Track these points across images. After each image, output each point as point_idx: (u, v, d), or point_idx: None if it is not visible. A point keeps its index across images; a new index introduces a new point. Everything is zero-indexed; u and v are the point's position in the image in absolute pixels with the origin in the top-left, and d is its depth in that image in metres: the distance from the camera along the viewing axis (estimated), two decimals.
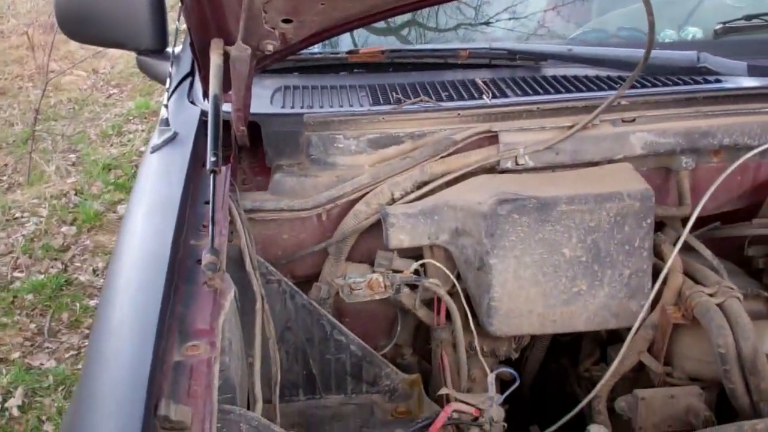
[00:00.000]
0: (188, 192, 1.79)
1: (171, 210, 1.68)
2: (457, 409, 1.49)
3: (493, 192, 1.87)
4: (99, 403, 1.30)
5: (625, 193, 1.88)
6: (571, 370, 2.26)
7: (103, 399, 1.30)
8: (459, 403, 1.52)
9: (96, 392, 1.33)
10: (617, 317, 1.93)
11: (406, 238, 1.94)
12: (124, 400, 1.25)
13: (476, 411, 1.53)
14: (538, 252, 1.87)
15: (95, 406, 1.28)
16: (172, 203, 1.71)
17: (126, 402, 1.24)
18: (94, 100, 7.40)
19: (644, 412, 1.87)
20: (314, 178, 2.03)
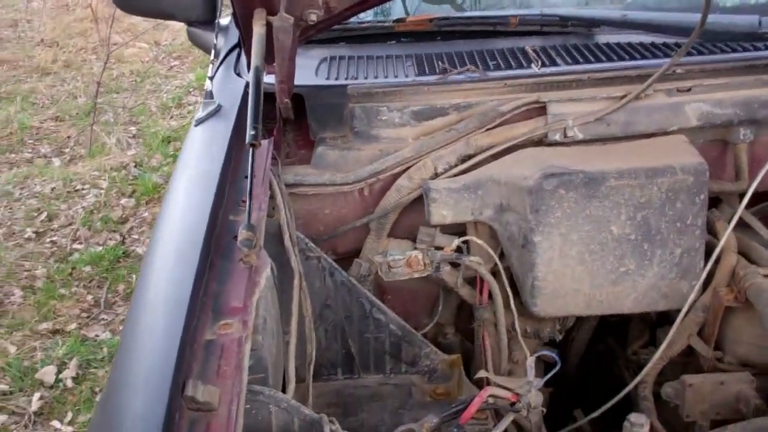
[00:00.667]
0: (229, 166, 1.76)
1: (211, 184, 1.66)
2: (493, 394, 1.45)
3: (540, 166, 1.81)
4: (130, 381, 1.28)
5: (678, 167, 1.80)
6: (619, 352, 2.19)
7: (134, 377, 1.29)
8: (495, 387, 1.47)
9: (128, 369, 1.32)
10: (667, 298, 1.86)
11: (448, 213, 1.89)
12: (152, 378, 1.24)
13: (514, 396, 1.47)
14: (585, 229, 1.80)
15: (126, 384, 1.26)
16: (213, 177, 1.69)
17: (154, 381, 1.22)
18: (155, 72, 7.46)
19: (692, 398, 1.80)
20: (357, 152, 2.00)
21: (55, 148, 5.94)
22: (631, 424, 1.33)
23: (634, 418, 1.34)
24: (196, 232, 1.51)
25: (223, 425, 1.16)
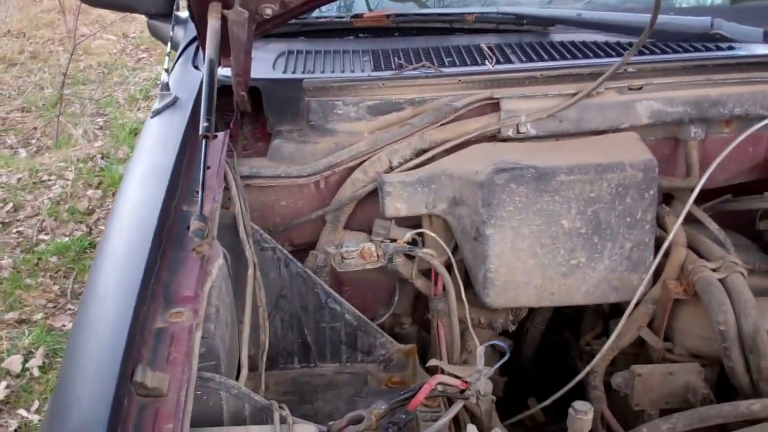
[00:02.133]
0: (184, 157, 1.77)
1: (165, 175, 1.67)
2: (442, 381, 1.47)
3: (492, 161, 1.84)
4: (80, 369, 1.30)
5: (627, 163, 1.83)
6: (573, 343, 2.22)
7: (84, 364, 1.30)
8: (445, 375, 1.49)
9: (79, 357, 1.33)
10: (617, 291, 1.90)
11: (402, 206, 1.91)
12: (101, 366, 1.25)
13: (463, 384, 1.50)
14: (536, 223, 1.83)
15: (77, 372, 1.28)
16: (167, 168, 1.70)
17: (103, 368, 1.23)
18: (123, 64, 7.42)
19: (641, 388, 1.84)
20: (313, 145, 2.01)
21: (21, 139, 5.91)
22: (576, 411, 1.36)
23: (578, 406, 1.37)
24: (149, 222, 1.52)
25: (171, 411, 1.17)
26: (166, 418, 1.16)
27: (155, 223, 1.51)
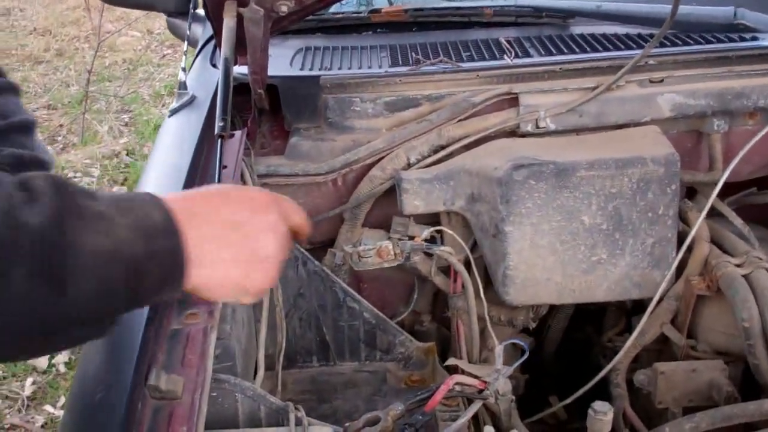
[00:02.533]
0: (201, 156, 1.77)
1: (181, 175, 1.67)
2: (460, 381, 1.45)
3: (510, 157, 1.82)
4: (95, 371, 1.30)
5: (649, 157, 1.80)
6: (595, 339, 2.20)
7: (99, 367, 1.30)
8: (463, 375, 1.48)
9: (93, 360, 1.33)
10: (639, 287, 1.87)
11: (420, 204, 1.90)
12: (116, 368, 1.25)
13: (481, 383, 1.48)
14: (556, 219, 1.81)
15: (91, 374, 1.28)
16: (184, 168, 1.70)
17: (118, 371, 1.23)
18: (147, 61, 7.47)
19: (664, 386, 1.81)
20: (330, 142, 2.00)
21: (47, 137, 5.95)
22: (595, 412, 1.34)
23: (598, 406, 1.34)
24: None
25: (186, 413, 1.16)
26: (181, 420, 1.15)
27: None
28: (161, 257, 1.03)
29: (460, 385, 1.46)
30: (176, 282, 1.06)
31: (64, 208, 0.94)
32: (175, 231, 1.05)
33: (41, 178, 0.94)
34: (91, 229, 0.96)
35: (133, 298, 1.01)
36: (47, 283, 0.91)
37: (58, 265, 0.93)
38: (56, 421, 3.72)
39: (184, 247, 1.06)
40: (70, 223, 0.94)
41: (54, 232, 0.93)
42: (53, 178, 0.95)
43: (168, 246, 1.04)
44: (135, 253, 1.00)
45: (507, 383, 1.52)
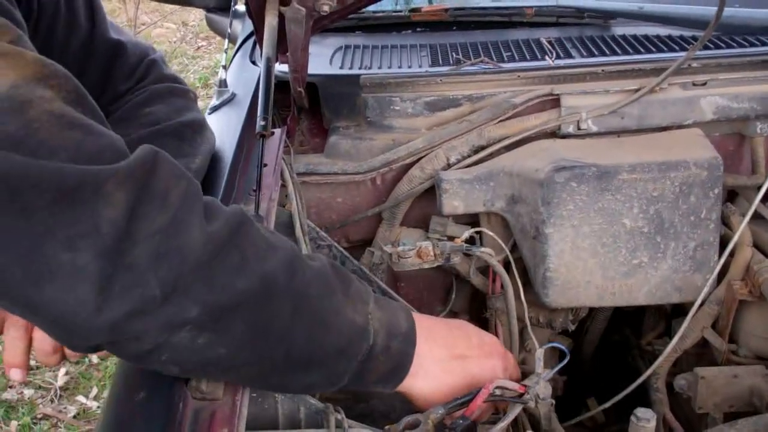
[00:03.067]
0: (241, 155, 1.77)
1: (222, 173, 1.67)
2: (500, 385, 1.44)
3: (552, 158, 1.81)
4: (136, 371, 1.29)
5: (692, 161, 1.78)
6: (634, 342, 2.18)
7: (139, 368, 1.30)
8: (503, 379, 1.47)
9: None
10: (680, 291, 1.85)
11: (460, 204, 1.89)
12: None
13: (521, 387, 1.47)
14: (597, 222, 1.80)
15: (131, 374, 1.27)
16: (224, 166, 1.70)
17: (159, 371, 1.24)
18: (182, 53, 7.49)
19: (704, 391, 1.79)
20: (370, 141, 2.00)
21: None
22: (638, 419, 1.32)
23: (641, 413, 1.33)
24: None
25: (227, 414, 1.16)
26: (222, 422, 1.15)
27: None
28: (393, 356, 1.25)
29: (501, 389, 1.45)
30: (394, 381, 1.29)
31: (338, 280, 1.20)
32: (413, 341, 1.28)
33: (321, 259, 1.20)
34: (351, 305, 1.19)
35: (358, 376, 1.22)
36: (306, 327, 1.13)
37: (323, 322, 1.15)
38: (89, 411, 3.75)
39: (413, 357, 1.28)
40: (340, 292, 1.18)
41: (324, 290, 1.16)
42: (330, 262, 1.21)
43: (402, 349, 1.26)
44: (376, 342, 1.21)
45: (547, 387, 1.50)
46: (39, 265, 0.91)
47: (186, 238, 0.99)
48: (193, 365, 1.11)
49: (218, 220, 1.04)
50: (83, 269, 0.92)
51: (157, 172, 0.99)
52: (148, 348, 1.03)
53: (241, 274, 1.03)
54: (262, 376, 1.18)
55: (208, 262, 1.01)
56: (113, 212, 0.93)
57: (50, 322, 0.97)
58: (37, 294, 0.92)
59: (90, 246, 0.92)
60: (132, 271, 0.95)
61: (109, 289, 0.94)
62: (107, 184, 0.93)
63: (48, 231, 0.90)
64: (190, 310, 1.00)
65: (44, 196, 0.89)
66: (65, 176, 0.91)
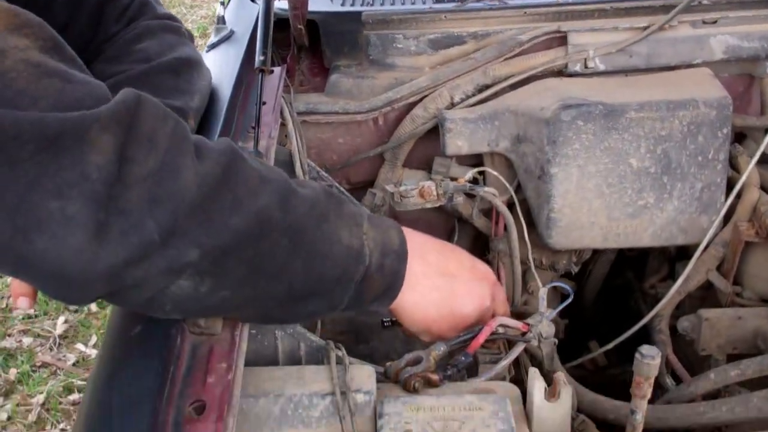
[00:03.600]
0: (239, 92, 1.74)
1: (220, 110, 1.64)
2: (503, 323, 1.43)
3: (558, 97, 1.78)
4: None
5: (701, 100, 1.75)
6: (637, 286, 2.17)
7: None
8: (506, 317, 1.45)
9: None
10: (686, 233, 1.83)
11: (464, 144, 1.86)
12: None
13: (524, 326, 1.46)
14: (604, 162, 1.77)
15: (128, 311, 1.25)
16: (222, 103, 1.67)
17: None
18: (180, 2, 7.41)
19: (708, 333, 1.78)
20: (372, 80, 1.97)
21: None
22: (642, 356, 1.30)
23: (645, 350, 1.30)
24: None
25: (226, 349, 1.15)
26: (220, 357, 1.14)
27: None
28: (386, 274, 1.25)
29: (504, 327, 1.43)
30: (388, 299, 1.29)
31: (332, 205, 1.18)
32: (404, 258, 1.28)
33: (312, 186, 1.19)
34: (345, 227, 1.18)
35: (355, 298, 1.22)
36: (304, 259, 1.12)
37: (321, 252, 1.14)
38: (88, 359, 3.76)
39: (405, 274, 1.28)
40: (334, 216, 1.17)
41: (318, 220, 1.14)
42: (322, 187, 1.20)
43: (395, 267, 1.26)
44: (371, 262, 1.21)
45: (550, 326, 1.49)
46: (28, 217, 0.89)
47: (179, 180, 0.97)
48: (196, 311, 1.11)
49: (209, 158, 1.02)
50: (74, 217, 0.90)
51: (142, 114, 0.97)
52: (150, 296, 1.02)
53: (235, 213, 1.02)
54: (265, 312, 1.17)
55: (202, 203, 0.99)
56: (100, 157, 0.91)
57: (45, 277, 0.96)
58: (28, 247, 0.91)
59: (79, 193, 0.90)
60: (126, 216, 0.93)
61: (104, 236, 0.92)
62: (91, 130, 0.91)
63: (34, 181, 0.88)
64: (190, 253, 0.99)
65: (26, 147, 0.88)
66: (46, 124, 0.89)
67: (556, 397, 1.27)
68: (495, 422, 1.16)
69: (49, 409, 3.50)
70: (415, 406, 1.19)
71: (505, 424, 1.15)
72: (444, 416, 1.17)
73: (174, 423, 1.02)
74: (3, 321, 3.97)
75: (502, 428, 1.15)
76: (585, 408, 1.61)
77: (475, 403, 1.20)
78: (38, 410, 3.49)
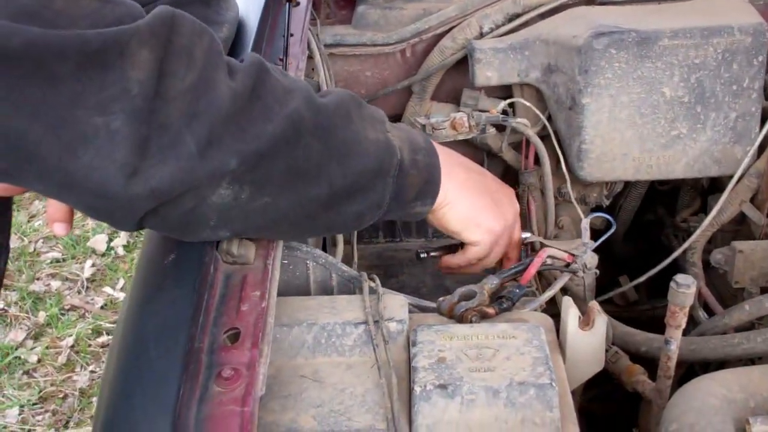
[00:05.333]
0: (266, 24, 1.72)
1: (247, 42, 1.63)
2: (551, 254, 1.42)
3: (590, 25, 1.74)
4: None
5: (736, 26, 1.71)
6: (668, 220, 2.14)
7: None
8: (552, 248, 1.44)
9: None
10: (719, 164, 1.80)
11: (493, 75, 1.83)
12: None
13: (569, 257, 1.45)
14: (636, 91, 1.74)
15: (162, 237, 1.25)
16: (249, 35, 1.65)
17: None
18: None
19: (741, 265, 1.75)
20: (399, 11, 1.94)
21: None
22: (678, 285, 1.29)
23: (680, 279, 1.28)
24: None
25: (259, 278, 1.15)
26: (253, 285, 1.13)
27: None
28: (422, 168, 1.26)
29: (552, 258, 1.43)
30: (429, 196, 1.30)
31: (353, 106, 1.19)
32: (435, 153, 1.30)
33: (333, 91, 1.22)
34: (369, 125, 1.20)
35: (397, 195, 1.23)
36: (338, 157, 1.14)
37: (353, 149, 1.16)
38: (116, 302, 3.79)
39: (441, 168, 1.30)
40: (357, 117, 1.18)
41: (345, 120, 1.16)
42: (344, 90, 1.24)
43: (429, 162, 1.28)
44: (403, 156, 1.22)
45: (594, 257, 1.49)
46: (73, 132, 0.91)
47: (214, 93, 0.99)
48: (241, 223, 1.12)
49: (239, 72, 1.05)
50: (118, 132, 0.92)
51: (179, 29, 0.98)
52: (192, 206, 1.03)
53: (268, 120, 1.04)
54: (311, 219, 1.18)
55: (235, 114, 1.01)
56: (141, 73, 0.93)
57: (90, 195, 0.97)
58: (74, 162, 0.92)
59: (122, 108, 0.92)
60: (167, 130, 0.95)
61: (146, 151, 0.94)
62: (131, 44, 0.92)
63: (78, 97, 0.90)
64: (228, 162, 1.01)
65: (69, 63, 0.89)
66: (87, 41, 0.90)
67: (590, 325, 1.26)
68: (529, 350, 1.15)
69: (78, 351, 3.54)
70: (448, 335, 1.19)
71: (539, 352, 1.14)
72: (477, 344, 1.16)
73: (209, 350, 1.03)
74: (32, 265, 4.01)
75: (537, 356, 1.13)
76: (617, 341, 1.60)
77: (508, 332, 1.19)
78: (68, 352, 3.54)
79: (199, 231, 1.11)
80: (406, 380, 1.14)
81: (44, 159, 0.92)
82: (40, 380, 3.41)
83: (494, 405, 1.07)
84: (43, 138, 0.91)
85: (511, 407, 1.07)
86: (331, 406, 1.11)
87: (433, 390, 1.07)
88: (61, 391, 3.37)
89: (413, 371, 1.11)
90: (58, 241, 4.11)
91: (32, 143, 0.91)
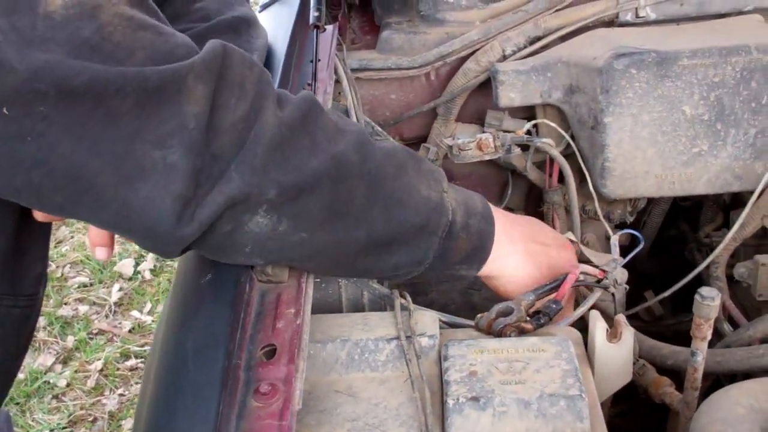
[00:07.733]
0: (294, 50, 1.76)
1: (276, 68, 1.67)
2: (584, 270, 1.45)
3: (610, 46, 1.77)
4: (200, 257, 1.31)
5: (753, 45, 1.74)
6: (691, 236, 2.16)
7: None
8: (585, 265, 1.47)
9: None
10: (741, 179, 1.82)
11: (516, 96, 1.86)
12: None
13: (601, 273, 1.47)
14: (657, 110, 1.76)
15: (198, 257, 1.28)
16: (278, 62, 1.69)
17: None
18: None
19: (765, 278, 1.77)
20: (423, 36, 1.98)
21: None
22: (702, 297, 1.31)
23: (705, 291, 1.31)
24: None
25: (293, 296, 1.18)
26: (288, 303, 1.17)
27: None
28: (473, 233, 1.26)
29: (584, 274, 1.46)
30: (477, 262, 1.30)
31: (410, 160, 1.21)
32: (491, 219, 1.29)
33: (390, 142, 1.25)
34: (425, 182, 1.20)
35: (441, 255, 1.23)
36: (382, 206, 1.14)
37: (399, 200, 1.16)
38: (144, 325, 3.83)
39: (494, 237, 1.29)
40: (413, 171, 1.19)
41: (398, 171, 1.17)
42: (401, 144, 1.28)
43: (482, 227, 1.28)
44: (455, 218, 1.22)
45: (624, 273, 1.51)
46: (132, 166, 0.94)
47: (262, 123, 1.02)
48: (276, 255, 1.14)
49: (290, 105, 1.07)
50: (175, 165, 0.95)
51: (230, 63, 1.01)
52: (229, 231, 1.06)
53: (313, 155, 1.06)
54: (346, 261, 1.19)
55: (281, 144, 1.03)
56: (196, 107, 0.96)
57: (144, 227, 1.01)
58: (133, 194, 0.96)
59: (179, 142, 0.95)
60: (217, 160, 0.99)
61: (199, 183, 0.98)
62: (187, 80, 0.96)
63: (137, 133, 0.93)
64: (268, 189, 1.03)
65: (129, 100, 0.92)
66: (147, 78, 0.93)
67: (618, 338, 1.29)
68: (558, 363, 1.17)
69: (106, 375, 3.58)
70: (479, 349, 1.21)
71: (569, 364, 1.17)
72: (508, 358, 1.19)
73: (246, 366, 1.06)
74: (59, 290, 4.06)
75: (566, 368, 1.16)
76: (643, 354, 1.62)
77: (538, 345, 1.22)
78: (96, 376, 3.57)
79: (234, 255, 1.13)
80: (438, 394, 1.17)
81: (102, 190, 0.96)
82: (69, 404, 3.45)
83: (525, 417, 1.10)
84: (101, 172, 0.94)
85: (543, 419, 1.10)
86: (366, 420, 1.14)
87: (466, 402, 1.10)
88: (91, 415, 3.40)
89: (445, 385, 1.14)
90: (85, 266, 4.16)
91: (90, 176, 0.94)
